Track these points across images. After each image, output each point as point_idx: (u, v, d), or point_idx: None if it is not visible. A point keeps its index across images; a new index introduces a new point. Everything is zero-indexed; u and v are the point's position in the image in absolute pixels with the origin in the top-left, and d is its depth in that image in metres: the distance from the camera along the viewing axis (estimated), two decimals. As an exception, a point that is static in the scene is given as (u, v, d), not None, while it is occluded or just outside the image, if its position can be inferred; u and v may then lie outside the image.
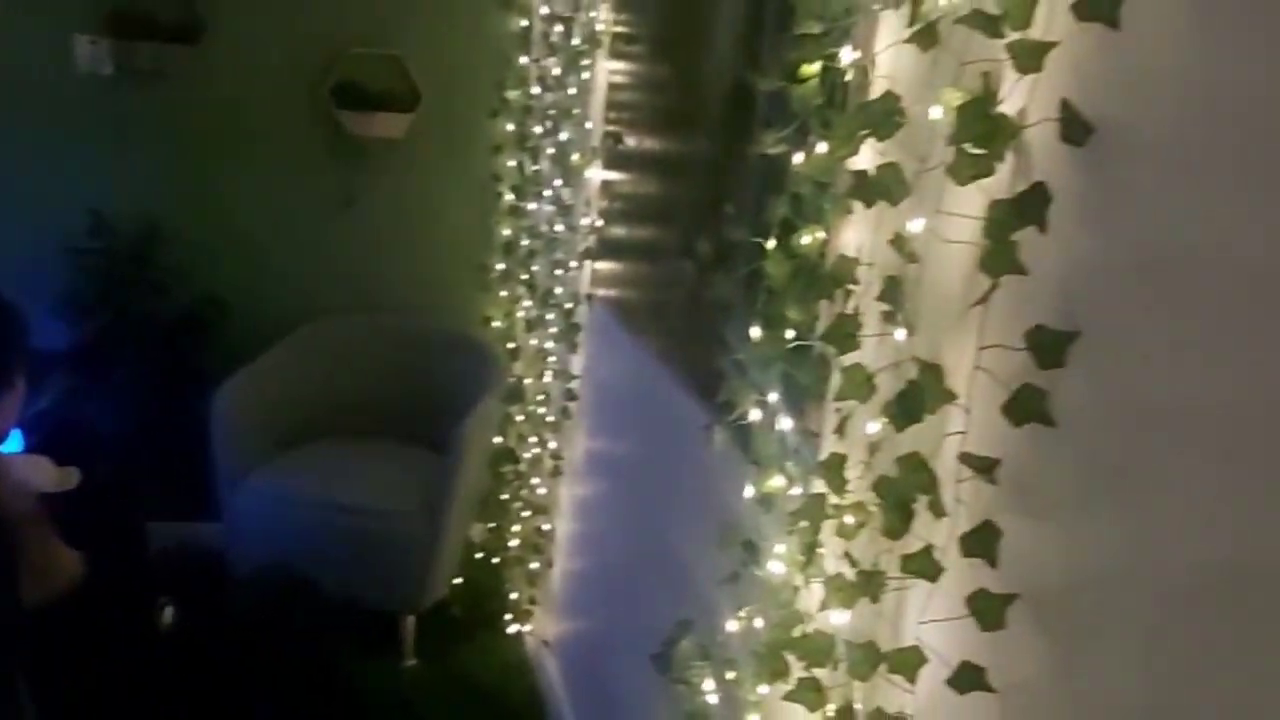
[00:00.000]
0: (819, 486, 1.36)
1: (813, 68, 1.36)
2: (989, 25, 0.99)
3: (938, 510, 1.14)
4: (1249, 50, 0.82)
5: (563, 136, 3.09)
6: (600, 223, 2.91)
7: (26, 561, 1.51)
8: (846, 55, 1.33)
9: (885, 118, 1.11)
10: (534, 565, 3.33)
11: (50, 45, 3.41)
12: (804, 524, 1.34)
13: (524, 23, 3.68)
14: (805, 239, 1.40)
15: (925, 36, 1.09)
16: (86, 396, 3.33)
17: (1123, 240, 0.94)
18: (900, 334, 1.22)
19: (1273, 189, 0.80)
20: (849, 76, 1.33)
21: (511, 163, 3.71)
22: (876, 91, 1.30)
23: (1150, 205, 0.91)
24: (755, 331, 1.49)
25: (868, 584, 1.25)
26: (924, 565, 1.14)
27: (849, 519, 1.26)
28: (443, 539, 3.19)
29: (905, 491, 1.14)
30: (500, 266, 3.82)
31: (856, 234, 1.37)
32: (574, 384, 3.05)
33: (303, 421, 3.49)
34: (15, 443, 1.85)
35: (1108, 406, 0.95)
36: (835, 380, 1.30)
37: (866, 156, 1.29)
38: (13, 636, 1.49)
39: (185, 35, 3.47)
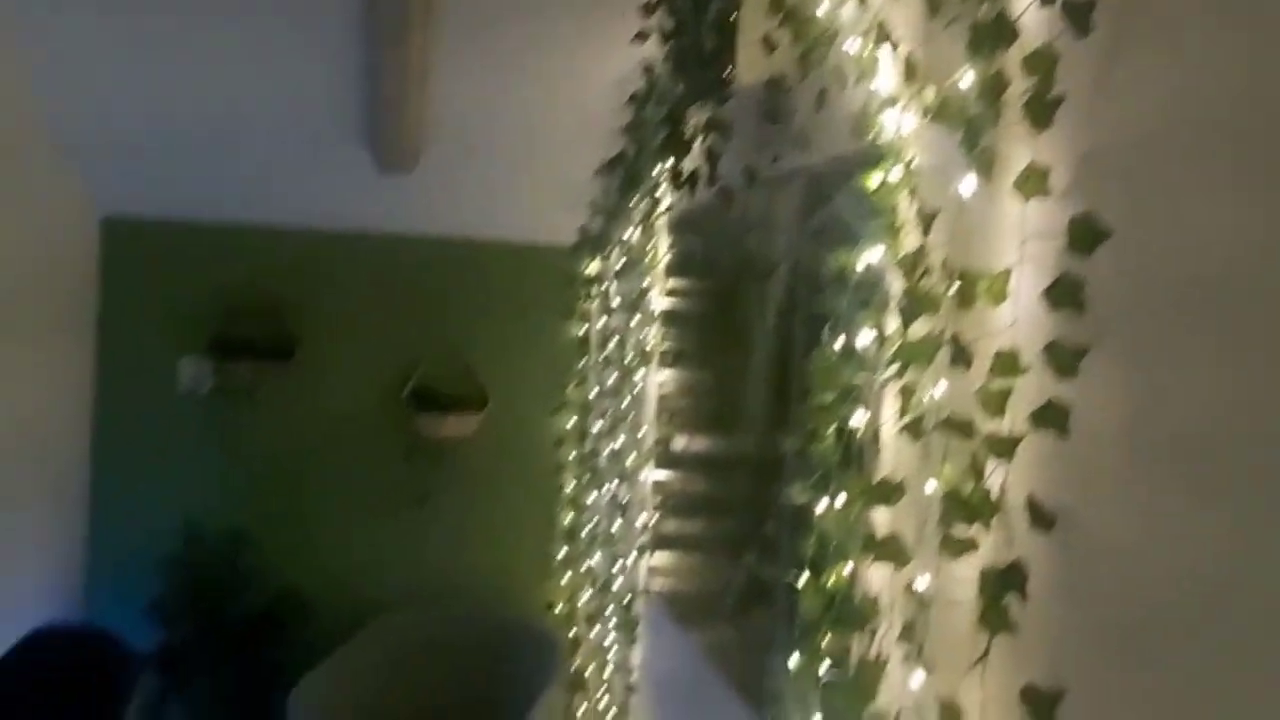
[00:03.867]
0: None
1: (829, 430, 1.58)
2: (963, 430, 1.19)
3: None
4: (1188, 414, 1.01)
5: (618, 443, 3.33)
6: (655, 519, 3.10)
7: None
8: (857, 419, 1.54)
9: (887, 494, 1.30)
10: None
11: (157, 367, 3.79)
12: None
13: (584, 329, 4.02)
14: (831, 579, 1.57)
15: (913, 429, 1.30)
16: (174, 697, 3.49)
17: (1091, 615, 1.10)
18: (919, 675, 1.36)
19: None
20: (859, 437, 1.54)
21: (572, 454, 3.96)
22: (886, 455, 1.51)
23: (1106, 581, 1.08)
24: (793, 661, 1.64)
25: None
26: None
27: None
28: (509, 835, 3.22)
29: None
30: (563, 552, 4.01)
31: (880, 575, 1.54)
32: (633, 677, 3.15)
33: (372, 714, 3.60)
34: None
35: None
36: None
37: (881, 515, 1.48)
38: None
39: (279, 353, 3.84)
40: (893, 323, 1.45)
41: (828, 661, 1.56)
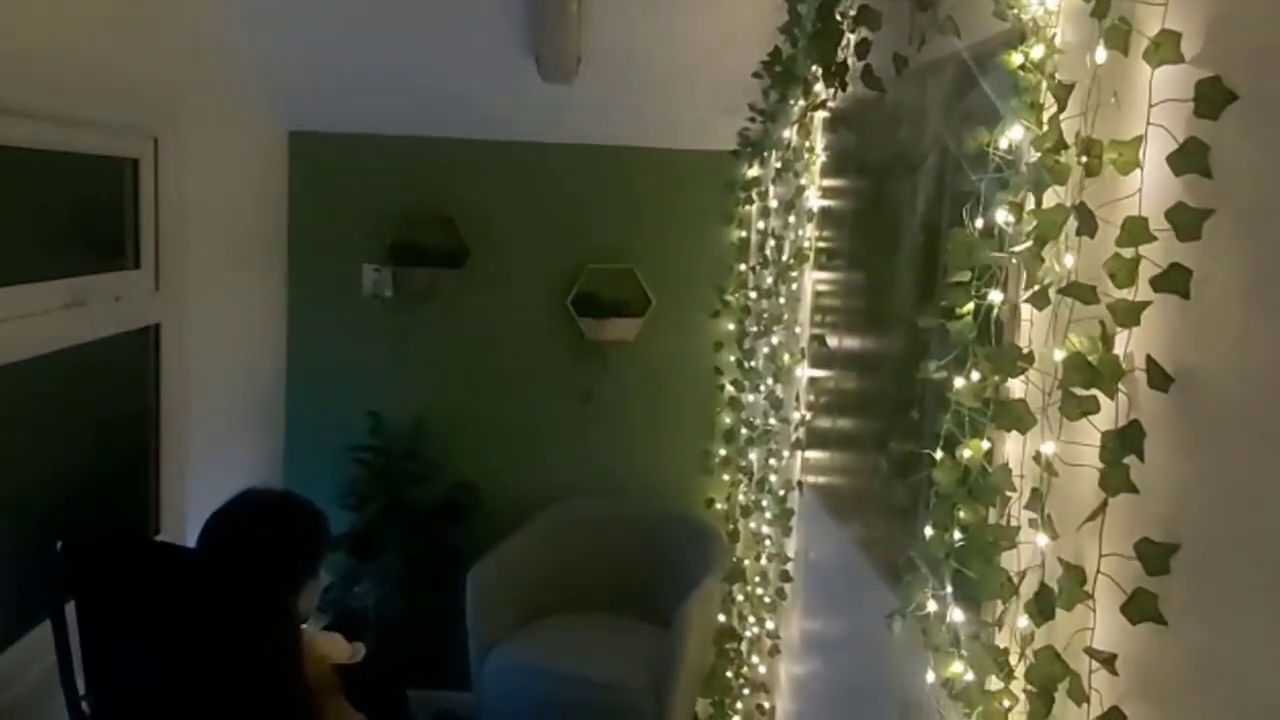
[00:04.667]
0: (989, 674, 1.54)
1: (966, 307, 1.62)
2: (1085, 294, 1.23)
3: (1077, 697, 1.31)
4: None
5: (774, 339, 3.41)
6: (808, 416, 3.18)
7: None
8: (993, 295, 1.58)
9: (1017, 365, 1.35)
10: (755, 741, 3.48)
11: (343, 274, 4.06)
12: (979, 709, 1.52)
13: (743, 234, 4.09)
14: (967, 452, 1.62)
15: (1039, 298, 1.34)
16: (361, 576, 3.80)
17: (1209, 471, 1.13)
18: (1042, 539, 1.41)
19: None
20: (996, 314, 1.57)
21: (731, 358, 4.06)
22: (1018, 328, 1.55)
23: (1222, 438, 1.11)
24: (928, 531, 1.71)
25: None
26: (1069, 745, 1.31)
27: (1004, 703, 1.44)
28: (667, 713, 3.41)
29: (1045, 680, 1.32)
30: (722, 452, 4.13)
31: (1009, 446, 1.58)
32: (788, 566, 3.26)
33: (543, 598, 3.84)
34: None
35: (1210, 608, 1.12)
36: (984, 580, 1.50)
37: (1012, 386, 1.52)
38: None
39: (452, 260, 4.05)
40: (1028, 198, 1.47)
41: (958, 533, 1.62)
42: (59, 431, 2.52)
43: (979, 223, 1.62)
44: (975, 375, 1.58)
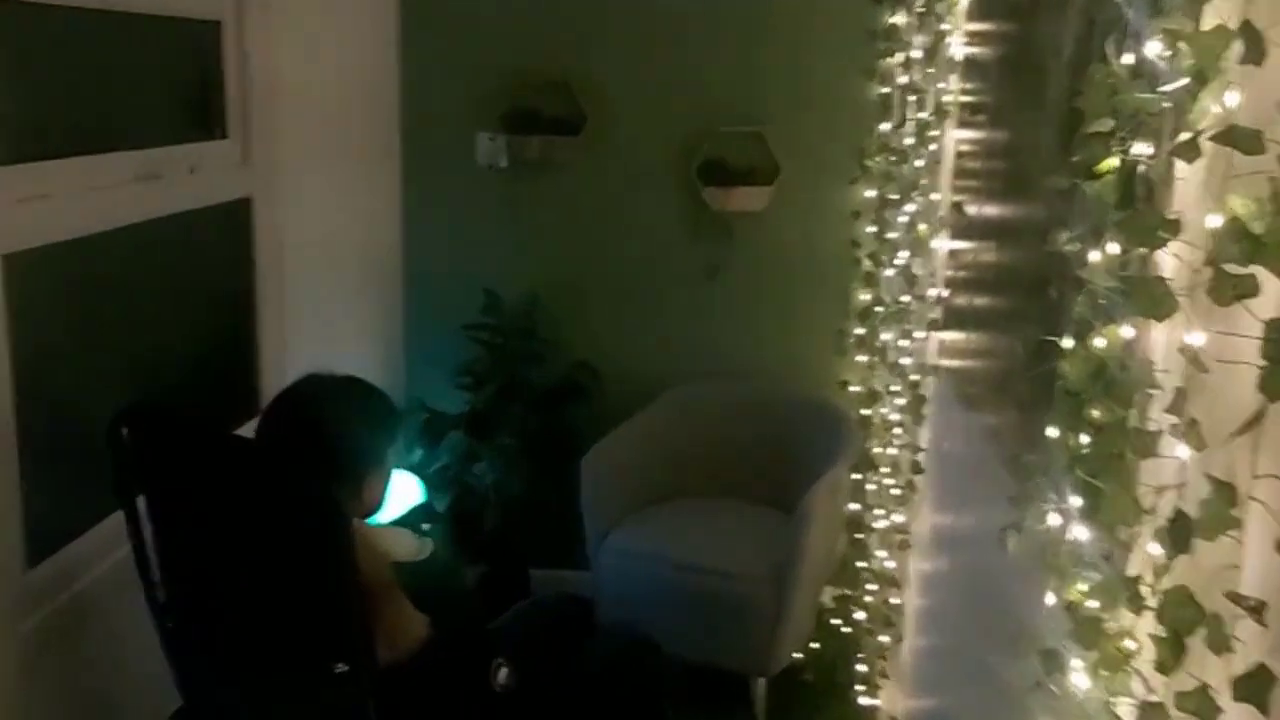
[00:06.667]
0: (1116, 608, 1.29)
1: (1108, 164, 1.31)
2: (1249, 142, 0.93)
3: (1217, 646, 1.06)
4: None
5: (909, 206, 3.09)
6: (945, 293, 2.87)
7: (378, 624, 1.74)
8: (1140, 150, 1.27)
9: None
10: (883, 638, 3.30)
11: (457, 142, 3.89)
12: (1097, 653, 1.28)
13: (884, 90, 3.71)
14: (1101, 341, 1.34)
15: (1187, 150, 1.03)
16: (479, 455, 3.73)
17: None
18: (1183, 451, 1.14)
19: None
20: (1142, 173, 1.27)
21: (869, 229, 3.74)
22: (1168, 189, 1.24)
23: None
24: (1052, 433, 1.44)
25: (1151, 716, 1.17)
26: (1200, 705, 1.06)
27: (1129, 643, 1.19)
28: (790, 604, 3.24)
29: (1176, 625, 1.07)
30: (859, 331, 3.85)
31: (1152, 335, 1.29)
32: (919, 457, 3.01)
33: (663, 481, 3.70)
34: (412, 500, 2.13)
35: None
36: (1112, 496, 1.24)
37: (1159, 260, 1.23)
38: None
39: (569, 127, 3.83)
40: (1185, 23, 1.15)
41: (1086, 437, 1.35)
42: (146, 309, 2.46)
43: (1126, 59, 1.31)
44: (1112, 248, 1.29)
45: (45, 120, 2.09)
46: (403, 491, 3.47)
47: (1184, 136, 1.06)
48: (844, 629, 3.68)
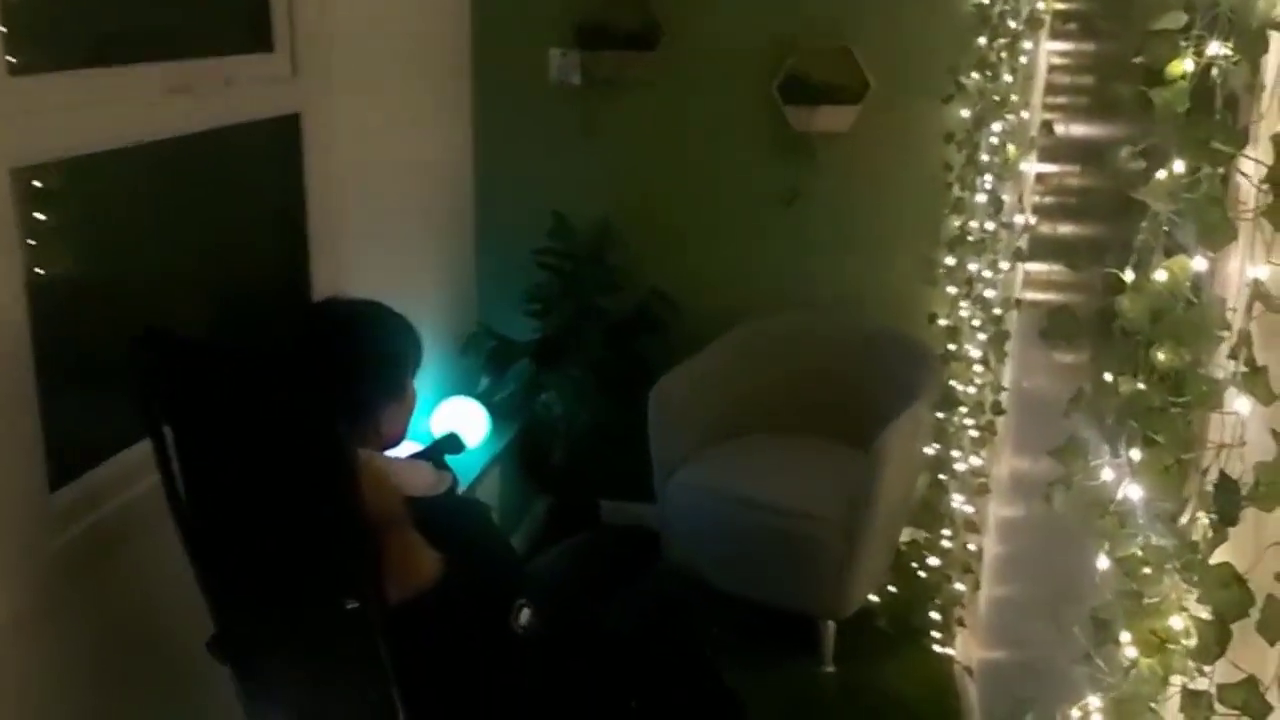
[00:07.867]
0: (1160, 578, 1.12)
1: (1180, 67, 1.12)
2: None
3: (1271, 634, 0.89)
4: None
5: (997, 125, 2.85)
6: (1033, 220, 2.65)
7: (387, 561, 1.66)
8: (1215, 49, 1.07)
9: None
10: (960, 586, 3.13)
11: (528, 59, 3.75)
12: (1133, 630, 1.12)
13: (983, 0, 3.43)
14: (1162, 274, 1.16)
15: (1254, 44, 0.84)
16: (548, 385, 3.65)
17: None
18: (1244, 405, 0.96)
19: None
20: (1219, 79, 1.07)
21: (961, 151, 3.49)
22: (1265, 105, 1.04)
23: None
24: (1105, 377, 1.26)
25: (1194, 706, 1.01)
26: (1248, 699, 0.90)
27: (1172, 622, 1.03)
28: (863, 546, 3.09)
29: (1219, 607, 0.90)
30: (950, 261, 3.62)
31: (1217, 270, 1.11)
32: (1001, 396, 2.81)
33: (735, 416, 3.56)
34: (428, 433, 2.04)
35: None
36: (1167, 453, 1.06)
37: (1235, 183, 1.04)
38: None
39: (644, 42, 3.66)
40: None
41: (1142, 384, 1.18)
42: (182, 231, 2.41)
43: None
44: (1178, 166, 1.10)
45: (67, 27, 2.03)
46: (466, 420, 3.42)
47: (1253, 29, 0.87)
48: (920, 574, 3.52)
